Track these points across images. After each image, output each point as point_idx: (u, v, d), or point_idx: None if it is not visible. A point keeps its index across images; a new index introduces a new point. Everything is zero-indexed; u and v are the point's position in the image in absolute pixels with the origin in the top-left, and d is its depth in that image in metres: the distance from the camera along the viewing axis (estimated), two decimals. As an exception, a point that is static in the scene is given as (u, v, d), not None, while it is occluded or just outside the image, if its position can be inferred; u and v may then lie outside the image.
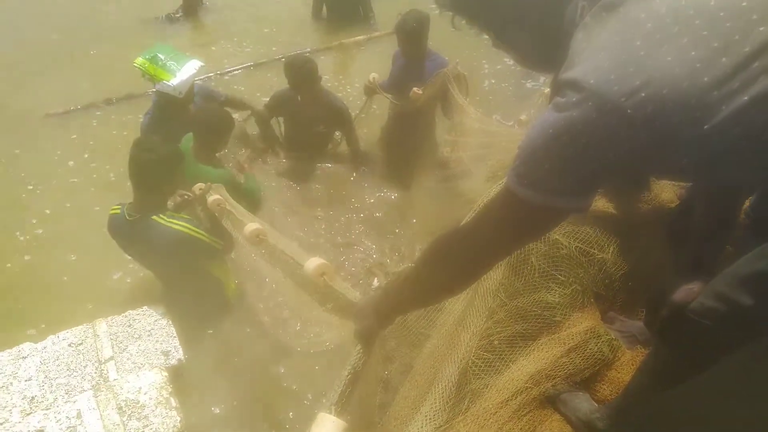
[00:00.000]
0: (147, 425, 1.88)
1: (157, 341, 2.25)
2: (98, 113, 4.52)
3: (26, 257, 3.23)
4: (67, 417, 1.86)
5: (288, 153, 3.79)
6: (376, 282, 2.91)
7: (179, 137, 2.94)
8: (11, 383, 2.06)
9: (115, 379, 2.03)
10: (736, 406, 0.92)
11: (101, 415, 1.86)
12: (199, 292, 2.55)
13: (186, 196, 2.53)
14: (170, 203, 2.51)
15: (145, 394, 1.95)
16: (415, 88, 3.21)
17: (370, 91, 3.59)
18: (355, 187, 3.68)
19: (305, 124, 3.62)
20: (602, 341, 1.71)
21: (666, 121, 0.72)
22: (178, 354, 2.22)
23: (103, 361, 2.14)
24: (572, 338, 1.70)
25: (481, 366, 1.68)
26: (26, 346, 2.21)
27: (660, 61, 0.72)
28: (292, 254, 1.94)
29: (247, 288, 2.60)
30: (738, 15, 0.70)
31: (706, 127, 0.71)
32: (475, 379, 1.65)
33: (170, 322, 2.34)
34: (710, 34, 0.71)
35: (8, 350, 2.19)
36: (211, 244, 2.38)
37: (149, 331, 2.29)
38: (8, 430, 1.84)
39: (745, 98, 0.69)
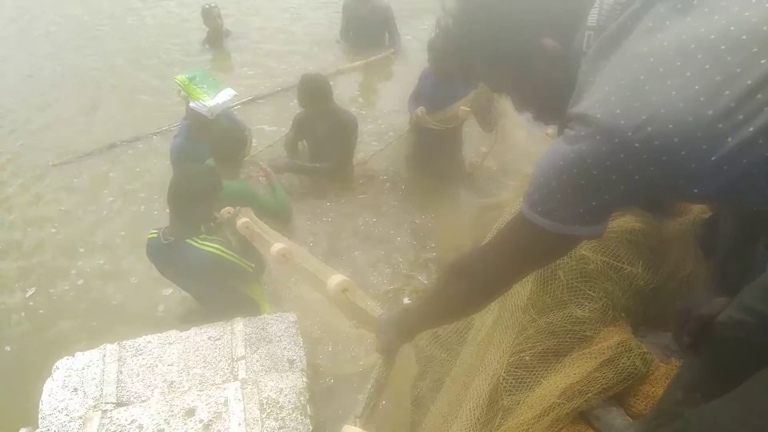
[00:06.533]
0: (282, 427, 1.88)
1: (285, 348, 2.27)
2: (140, 145, 4.60)
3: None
4: (216, 402, 1.92)
5: (312, 175, 3.83)
6: (406, 300, 2.93)
7: (205, 157, 3.05)
8: (156, 365, 2.19)
9: (243, 379, 2.07)
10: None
11: (244, 407, 1.90)
12: (234, 313, 2.61)
13: (214, 217, 2.59)
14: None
15: (285, 396, 1.98)
16: (462, 107, 3.22)
17: (418, 125, 3.49)
18: (382, 207, 3.71)
19: (321, 144, 3.65)
20: (634, 355, 1.70)
21: (673, 154, 0.73)
22: (301, 364, 2.22)
23: (235, 359, 2.21)
24: (603, 353, 1.69)
25: (512, 382, 1.68)
26: (173, 333, 2.33)
27: (664, 96, 0.73)
28: (317, 272, 1.98)
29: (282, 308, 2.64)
30: (738, 48, 0.71)
31: (713, 158, 0.72)
32: (507, 395, 1.66)
33: (299, 331, 2.36)
34: (712, 68, 0.71)
35: (158, 334, 2.33)
36: (243, 266, 2.44)
37: (279, 336, 2.32)
38: (147, 408, 1.93)
39: (751, 129, 0.70)
